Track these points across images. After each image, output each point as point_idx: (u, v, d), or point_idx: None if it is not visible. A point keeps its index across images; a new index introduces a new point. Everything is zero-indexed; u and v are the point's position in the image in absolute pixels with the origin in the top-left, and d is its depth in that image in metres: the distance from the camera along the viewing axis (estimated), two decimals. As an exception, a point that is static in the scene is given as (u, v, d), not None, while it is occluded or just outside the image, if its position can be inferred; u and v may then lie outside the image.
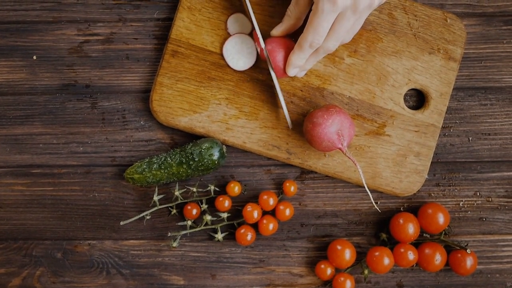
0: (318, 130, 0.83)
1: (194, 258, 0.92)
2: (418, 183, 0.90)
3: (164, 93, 0.89)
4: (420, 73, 0.90)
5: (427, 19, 0.90)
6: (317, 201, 0.92)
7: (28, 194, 0.92)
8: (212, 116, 0.89)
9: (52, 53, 0.92)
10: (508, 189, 0.92)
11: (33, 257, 0.92)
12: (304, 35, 0.80)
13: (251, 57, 0.89)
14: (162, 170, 0.87)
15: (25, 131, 0.92)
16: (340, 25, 0.79)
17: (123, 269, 0.92)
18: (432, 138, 0.90)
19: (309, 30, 0.79)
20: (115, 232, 0.92)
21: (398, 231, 0.88)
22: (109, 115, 0.92)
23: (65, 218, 0.92)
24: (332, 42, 0.81)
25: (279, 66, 0.85)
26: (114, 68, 0.92)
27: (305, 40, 0.80)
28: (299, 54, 0.82)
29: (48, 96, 0.92)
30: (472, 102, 0.92)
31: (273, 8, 0.90)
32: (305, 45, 0.81)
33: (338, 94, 0.90)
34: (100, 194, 0.92)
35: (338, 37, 0.80)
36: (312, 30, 0.79)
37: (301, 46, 0.81)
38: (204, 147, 0.87)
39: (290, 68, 0.84)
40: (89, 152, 0.92)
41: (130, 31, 0.92)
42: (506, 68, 0.92)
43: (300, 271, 0.92)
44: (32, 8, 0.92)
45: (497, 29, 0.92)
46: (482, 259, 0.92)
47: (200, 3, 0.90)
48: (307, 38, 0.80)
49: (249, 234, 0.89)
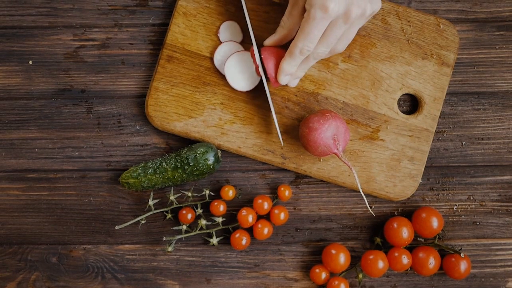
0: (314, 135, 0.83)
1: (189, 263, 0.92)
2: (412, 187, 0.91)
3: (159, 98, 0.90)
4: (413, 78, 0.91)
5: (420, 24, 0.91)
6: (312, 206, 0.92)
7: (23, 198, 0.92)
8: (207, 121, 0.90)
9: (48, 58, 0.92)
10: (502, 193, 0.92)
11: (28, 261, 0.92)
12: (295, 41, 0.81)
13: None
14: (157, 174, 0.88)
15: (20, 135, 0.92)
16: (331, 32, 0.79)
17: (118, 273, 0.92)
18: (425, 143, 0.91)
19: (300, 36, 0.80)
20: (110, 237, 0.92)
21: (392, 235, 0.89)
22: (104, 120, 0.92)
23: (60, 222, 0.92)
24: (322, 49, 0.81)
25: (271, 75, 0.85)
26: (110, 73, 0.92)
27: (296, 47, 0.81)
28: (290, 61, 0.83)
29: (43, 101, 0.92)
30: (465, 107, 0.93)
31: (267, 14, 0.91)
32: (295, 51, 0.81)
33: (333, 99, 0.91)
34: (96, 198, 0.92)
35: (328, 44, 0.81)
36: (303, 36, 0.79)
37: (292, 52, 0.82)
38: (199, 152, 0.87)
39: (281, 75, 0.84)
40: (84, 156, 0.92)
41: (126, 36, 0.93)
42: (498, 73, 0.93)
43: (295, 275, 0.92)
44: (28, 13, 0.92)
45: (490, 35, 0.93)
46: (476, 263, 0.92)
47: (195, 8, 0.90)
48: (297, 45, 0.80)
49: (244, 238, 0.89)
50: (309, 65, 0.85)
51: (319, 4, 0.76)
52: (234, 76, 0.89)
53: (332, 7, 0.76)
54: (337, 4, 0.76)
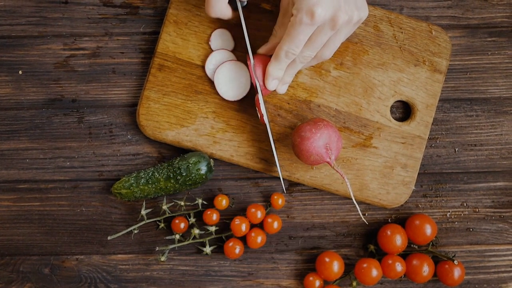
0: (306, 144, 0.83)
1: (183, 272, 0.92)
2: (405, 194, 0.91)
3: (151, 107, 0.89)
4: (406, 85, 0.91)
5: (412, 31, 0.91)
6: (305, 214, 0.92)
7: (14, 209, 0.91)
8: (200, 130, 0.89)
9: (38, 68, 0.92)
10: (495, 199, 0.92)
11: (20, 272, 0.91)
12: (281, 45, 0.80)
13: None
14: (149, 185, 0.87)
15: (11, 146, 0.91)
16: (317, 38, 0.79)
17: (111, 283, 0.91)
18: (418, 150, 0.90)
19: (286, 39, 0.79)
20: (103, 247, 0.91)
21: (386, 242, 0.89)
22: (96, 130, 0.92)
23: (52, 233, 0.91)
24: (308, 52, 0.81)
25: (260, 82, 0.85)
26: (101, 83, 0.92)
27: (281, 50, 0.80)
28: (276, 64, 0.82)
29: (34, 111, 0.92)
30: (458, 114, 0.93)
31: (259, 21, 0.90)
32: (281, 54, 0.81)
33: (325, 106, 0.90)
34: (88, 208, 0.91)
35: (314, 48, 0.80)
36: (288, 40, 0.79)
37: (277, 55, 0.81)
38: (191, 162, 0.87)
39: (268, 80, 0.84)
40: (76, 166, 0.91)
41: (117, 45, 0.92)
42: (491, 80, 0.93)
43: (289, 283, 0.92)
44: (18, 23, 0.92)
45: (482, 41, 0.93)
46: (470, 269, 0.92)
47: (186, 17, 0.90)
48: (283, 48, 0.80)
49: (238, 247, 0.89)
50: (296, 69, 0.84)
51: (306, 9, 0.75)
52: (224, 86, 0.88)
53: (319, 13, 0.75)
54: (324, 10, 0.75)
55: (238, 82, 0.88)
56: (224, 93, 0.88)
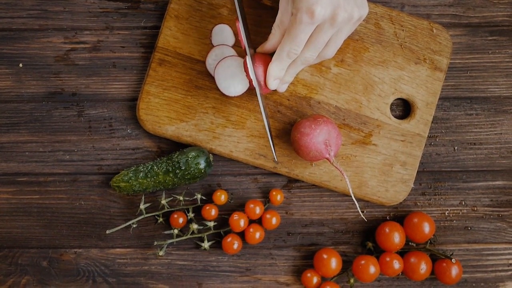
0: (305, 140, 0.83)
1: (181, 267, 0.92)
2: (404, 192, 0.91)
3: (151, 102, 0.89)
4: (406, 83, 0.90)
5: (413, 29, 0.91)
6: (304, 210, 0.92)
7: (14, 202, 0.91)
8: (199, 125, 0.89)
9: (38, 61, 0.92)
10: (493, 198, 0.92)
11: (18, 265, 0.91)
12: (282, 44, 0.80)
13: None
14: (148, 178, 0.87)
15: (11, 139, 0.91)
16: (318, 36, 0.79)
17: (109, 277, 0.91)
18: (418, 148, 0.90)
19: (287, 39, 0.79)
20: (101, 241, 0.92)
21: (384, 240, 0.89)
22: (95, 123, 0.92)
23: (51, 226, 0.91)
24: (309, 53, 0.81)
25: (260, 81, 0.85)
26: (101, 76, 0.92)
27: (283, 50, 0.80)
28: (277, 64, 0.82)
29: (34, 104, 0.92)
30: (457, 112, 0.93)
31: (260, 17, 0.90)
32: (282, 54, 0.81)
33: (325, 103, 0.90)
34: (87, 202, 0.92)
35: (315, 48, 0.80)
36: (289, 39, 0.79)
37: (279, 55, 0.81)
38: (190, 156, 0.87)
39: (269, 79, 0.84)
40: (75, 160, 0.92)
41: (117, 39, 0.92)
42: (491, 78, 0.93)
43: (287, 279, 0.92)
44: (18, 15, 0.92)
45: (483, 40, 0.93)
46: (467, 268, 0.92)
47: (187, 12, 0.90)
48: (284, 48, 0.80)
49: (236, 242, 0.89)
50: (297, 70, 0.84)
51: (305, 8, 0.75)
52: (224, 81, 0.88)
53: (318, 11, 0.75)
54: (323, 8, 0.75)
55: (239, 77, 0.88)
56: (224, 89, 0.88)
